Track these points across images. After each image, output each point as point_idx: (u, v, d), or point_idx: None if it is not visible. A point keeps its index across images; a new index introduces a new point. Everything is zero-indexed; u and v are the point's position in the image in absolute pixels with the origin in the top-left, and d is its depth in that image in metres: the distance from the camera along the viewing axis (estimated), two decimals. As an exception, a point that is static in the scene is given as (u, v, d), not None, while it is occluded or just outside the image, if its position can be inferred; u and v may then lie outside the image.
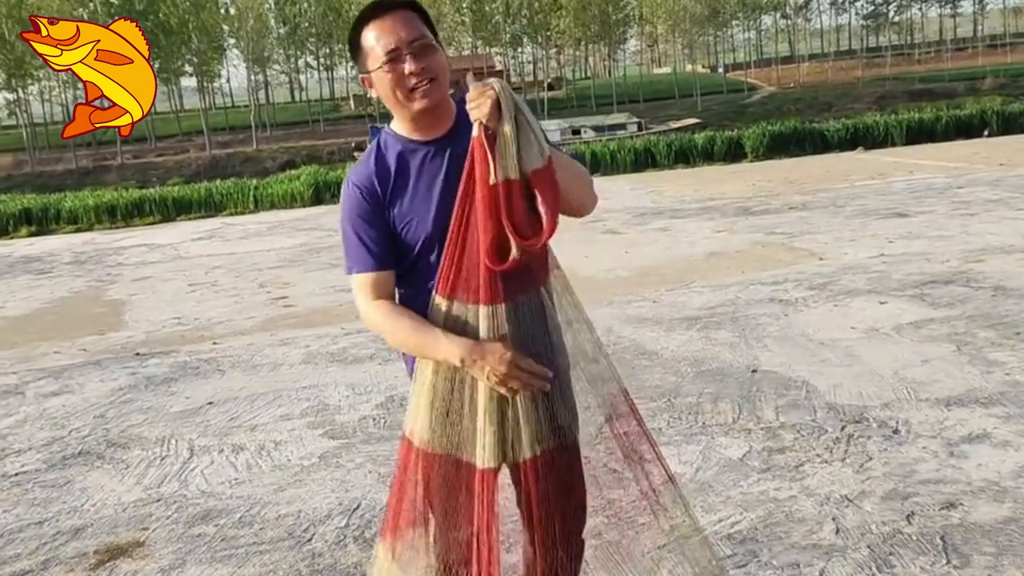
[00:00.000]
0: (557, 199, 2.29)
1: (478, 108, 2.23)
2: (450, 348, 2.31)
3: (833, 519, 3.80)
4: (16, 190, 47.61)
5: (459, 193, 2.30)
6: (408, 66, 2.31)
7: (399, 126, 2.45)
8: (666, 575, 3.47)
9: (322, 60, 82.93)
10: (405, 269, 2.45)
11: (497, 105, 2.23)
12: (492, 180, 2.24)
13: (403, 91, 2.33)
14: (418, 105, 2.34)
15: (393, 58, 2.31)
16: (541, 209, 2.27)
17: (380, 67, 2.33)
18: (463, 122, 2.37)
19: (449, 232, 2.32)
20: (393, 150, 2.44)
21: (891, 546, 3.54)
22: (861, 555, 3.49)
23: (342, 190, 2.48)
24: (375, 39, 2.33)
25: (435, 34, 2.39)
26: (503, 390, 2.30)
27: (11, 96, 66.70)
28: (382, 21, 2.33)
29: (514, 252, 2.27)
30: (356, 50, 2.40)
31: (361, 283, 2.45)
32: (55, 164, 59.25)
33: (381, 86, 2.37)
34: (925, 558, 3.43)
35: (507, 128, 2.23)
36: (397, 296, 2.50)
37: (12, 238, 26.00)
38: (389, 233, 2.42)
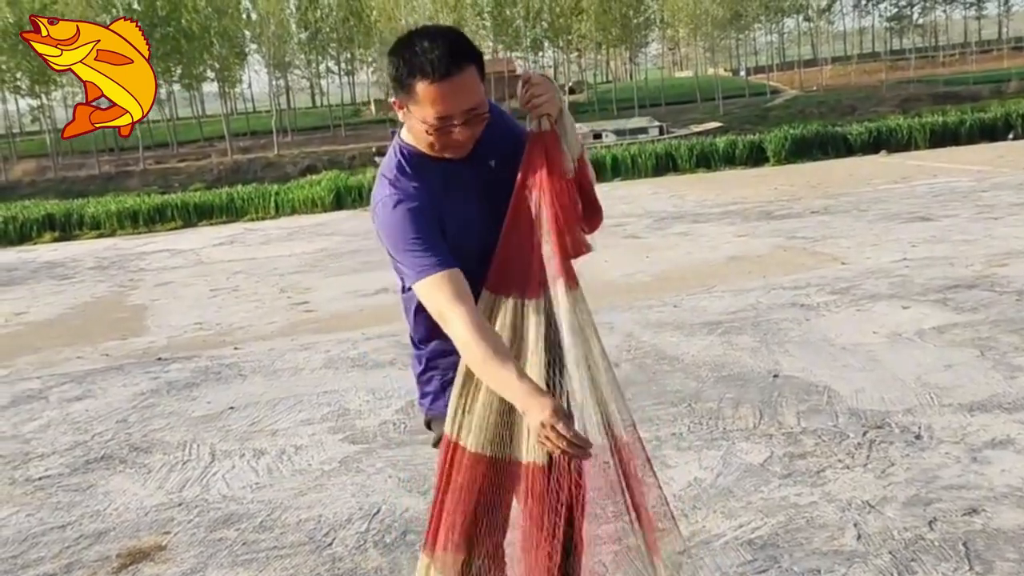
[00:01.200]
0: (592, 183, 2.43)
1: (549, 103, 2.27)
2: (525, 388, 2.17)
3: (855, 525, 3.78)
4: (40, 196, 47.97)
5: (516, 188, 2.31)
6: (456, 133, 2.25)
7: (417, 143, 2.37)
8: (686, 581, 3.46)
9: (343, 65, 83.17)
10: None
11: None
12: (568, 174, 2.31)
13: (439, 146, 2.30)
14: (448, 155, 2.32)
15: (443, 123, 2.24)
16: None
17: (425, 125, 2.26)
18: (484, 136, 2.34)
19: (504, 227, 2.32)
20: (425, 166, 2.36)
21: (913, 552, 3.51)
22: (883, 561, 3.46)
23: (384, 214, 2.35)
24: (430, 102, 2.21)
25: (483, 73, 2.28)
26: (546, 446, 2.15)
27: (35, 102, 67.12)
28: (443, 86, 2.19)
29: (588, 240, 2.37)
30: (402, 85, 2.26)
31: (438, 282, 2.27)
32: (78, 170, 59.62)
33: (416, 131, 2.31)
34: (947, 564, 3.40)
35: (566, 123, 2.31)
36: None
37: (36, 243, 26.25)
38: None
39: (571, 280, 2.36)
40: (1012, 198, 14.26)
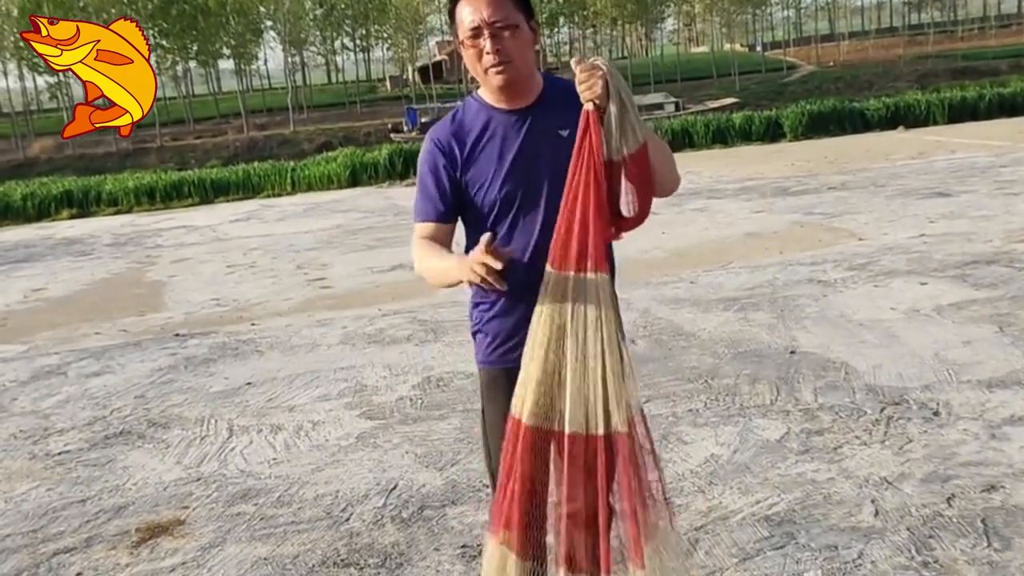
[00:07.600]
0: (651, 181, 2.43)
1: (590, 89, 2.34)
2: (455, 259, 2.41)
3: (872, 501, 3.77)
4: (57, 173, 48.03)
5: (571, 167, 2.37)
6: (486, 45, 2.44)
7: (484, 94, 2.58)
8: (703, 556, 3.47)
9: (358, 41, 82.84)
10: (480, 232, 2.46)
11: (606, 85, 2.32)
12: (605, 158, 2.34)
13: (481, 67, 2.49)
14: (494, 82, 2.49)
15: (474, 35, 2.45)
16: (629, 192, 2.39)
17: (462, 41, 2.49)
18: (549, 95, 2.57)
19: (563, 203, 2.39)
20: (477, 114, 2.58)
21: (931, 528, 3.51)
22: (900, 538, 3.46)
23: (423, 145, 2.63)
24: (465, 15, 2.46)
25: (529, 13, 2.50)
26: (480, 278, 2.26)
27: (52, 79, 67.21)
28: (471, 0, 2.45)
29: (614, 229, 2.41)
30: (452, 18, 2.53)
31: (417, 231, 2.59)
32: (95, 147, 59.71)
33: (466, 58, 2.52)
34: (965, 541, 3.39)
35: (613, 109, 2.32)
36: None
37: (54, 220, 26.34)
38: (456, 190, 2.54)
39: (595, 263, 2.39)
40: (1032, 174, 14.15)
